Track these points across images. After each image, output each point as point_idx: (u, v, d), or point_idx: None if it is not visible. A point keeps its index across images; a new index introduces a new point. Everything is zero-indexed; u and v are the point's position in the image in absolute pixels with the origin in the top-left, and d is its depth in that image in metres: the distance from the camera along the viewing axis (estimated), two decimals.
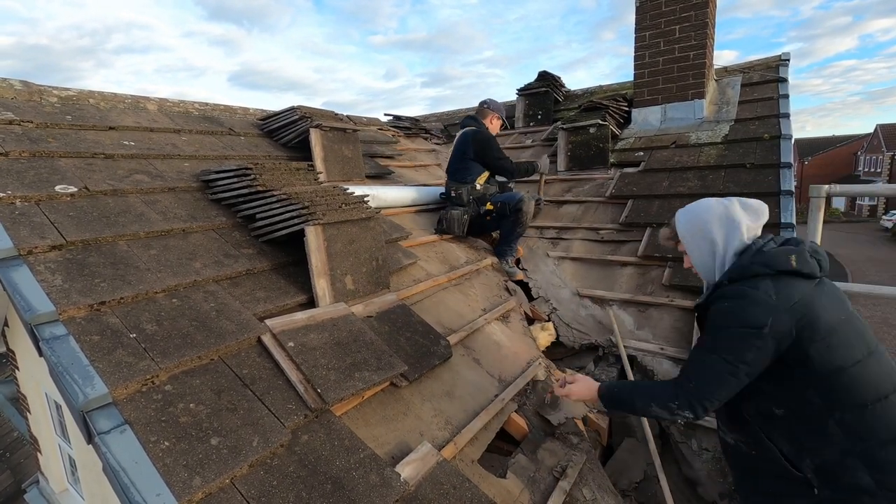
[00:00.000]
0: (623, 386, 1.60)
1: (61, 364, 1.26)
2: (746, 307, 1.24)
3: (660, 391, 1.38)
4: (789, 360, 1.23)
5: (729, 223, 1.39)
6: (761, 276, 1.27)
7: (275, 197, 2.12)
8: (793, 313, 1.21)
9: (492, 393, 2.02)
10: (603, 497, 1.75)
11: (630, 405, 1.48)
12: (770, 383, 1.27)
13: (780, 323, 1.20)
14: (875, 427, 1.18)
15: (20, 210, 1.67)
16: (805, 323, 1.21)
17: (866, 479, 1.18)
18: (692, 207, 1.50)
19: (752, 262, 1.30)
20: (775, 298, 1.22)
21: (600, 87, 5.29)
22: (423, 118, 6.51)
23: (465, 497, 1.42)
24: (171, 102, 2.99)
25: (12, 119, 2.09)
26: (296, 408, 1.44)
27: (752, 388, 1.28)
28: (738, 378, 1.25)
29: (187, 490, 1.10)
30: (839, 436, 1.20)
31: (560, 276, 3.21)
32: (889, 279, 16.17)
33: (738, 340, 1.24)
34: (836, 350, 1.21)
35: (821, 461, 1.23)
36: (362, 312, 2.01)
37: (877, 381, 1.20)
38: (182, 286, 1.69)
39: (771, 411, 1.29)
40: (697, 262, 1.48)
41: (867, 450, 1.18)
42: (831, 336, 1.21)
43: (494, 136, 3.39)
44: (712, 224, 1.40)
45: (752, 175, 3.16)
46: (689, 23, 3.75)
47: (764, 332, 1.20)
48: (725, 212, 1.40)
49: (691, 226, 1.47)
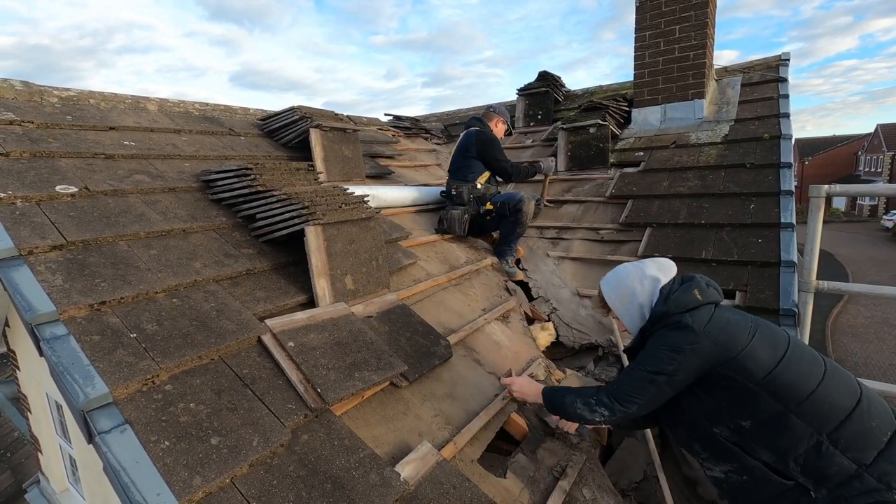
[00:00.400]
0: (561, 388, 1.72)
1: (62, 364, 1.26)
2: (668, 335, 1.45)
3: (586, 391, 1.58)
4: (730, 375, 1.37)
5: (650, 285, 1.57)
6: (678, 314, 1.46)
7: (275, 197, 2.12)
8: (708, 335, 1.39)
9: (492, 392, 2.02)
10: (603, 497, 1.75)
11: (562, 406, 1.64)
12: (727, 401, 1.41)
13: (700, 343, 1.38)
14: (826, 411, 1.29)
15: (21, 210, 1.67)
16: (724, 340, 1.38)
17: (846, 463, 1.26)
18: (613, 279, 1.68)
19: (666, 308, 1.49)
20: (692, 323, 1.41)
21: (600, 87, 5.29)
22: (424, 118, 6.51)
23: (464, 497, 1.42)
24: (172, 103, 2.99)
25: (13, 119, 2.10)
26: (296, 407, 1.44)
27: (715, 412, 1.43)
28: (656, 385, 1.42)
29: (187, 489, 1.10)
30: (804, 427, 1.30)
31: (560, 276, 3.21)
32: (889, 279, 16.16)
33: (659, 357, 1.43)
34: (760, 354, 1.36)
35: (803, 459, 1.30)
36: (362, 312, 2.02)
37: (808, 371, 1.34)
38: (182, 286, 1.69)
39: (739, 426, 1.40)
40: (629, 324, 1.64)
41: (832, 434, 1.28)
42: (752, 343, 1.38)
43: (498, 139, 3.41)
44: (636, 290, 1.58)
45: (751, 175, 3.16)
46: (689, 23, 3.75)
47: (686, 349, 1.38)
48: (644, 275, 1.59)
49: (619, 294, 1.63)
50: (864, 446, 1.27)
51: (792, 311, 2.25)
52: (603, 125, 3.95)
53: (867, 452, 1.26)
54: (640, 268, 1.62)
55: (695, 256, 2.77)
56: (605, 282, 1.71)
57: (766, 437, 1.35)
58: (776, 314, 2.29)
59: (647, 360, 1.46)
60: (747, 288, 2.47)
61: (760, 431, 1.36)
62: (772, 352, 1.37)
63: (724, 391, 1.40)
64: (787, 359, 1.36)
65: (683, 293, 1.49)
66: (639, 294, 1.57)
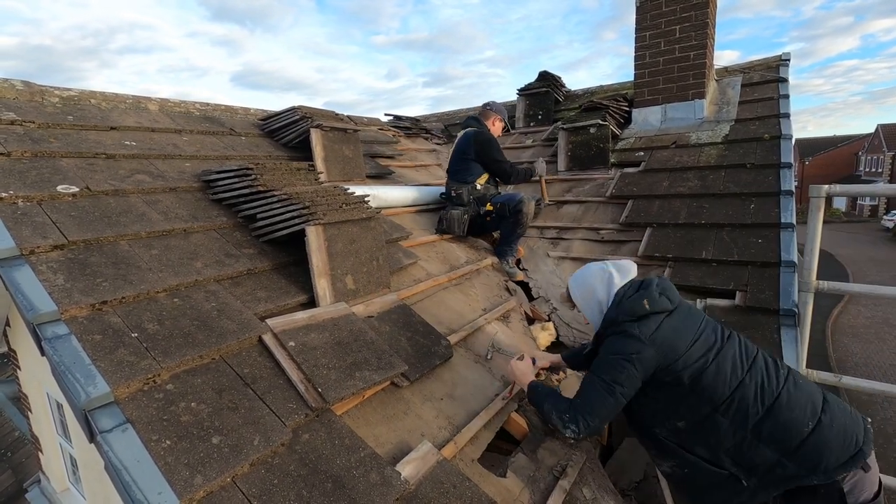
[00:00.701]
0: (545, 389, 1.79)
1: (63, 363, 1.26)
2: (616, 342, 1.58)
3: (561, 403, 1.64)
4: (667, 380, 1.51)
5: (608, 285, 1.72)
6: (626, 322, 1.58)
7: (275, 197, 2.13)
8: (653, 343, 1.51)
9: (492, 392, 2.03)
10: (603, 496, 1.75)
11: (541, 407, 1.73)
12: (663, 403, 1.55)
13: (644, 351, 1.50)
14: (745, 409, 1.44)
15: (22, 210, 1.67)
16: (666, 349, 1.51)
17: (768, 453, 1.41)
18: (580, 278, 1.84)
19: (617, 314, 1.62)
20: (638, 333, 1.53)
21: (601, 87, 5.29)
22: (424, 118, 6.51)
23: (465, 496, 1.42)
24: (173, 102, 3.00)
25: (14, 119, 2.10)
26: (296, 407, 1.44)
27: (654, 414, 1.58)
28: (614, 397, 1.52)
29: (189, 488, 1.10)
30: (727, 424, 1.45)
31: (560, 276, 3.21)
32: (889, 279, 16.16)
33: (610, 364, 1.55)
34: (694, 360, 1.49)
35: (732, 453, 1.46)
36: (363, 312, 2.02)
37: (727, 374, 1.47)
38: (183, 286, 1.70)
39: (675, 426, 1.55)
40: (590, 318, 1.80)
41: (753, 428, 1.43)
42: (690, 350, 1.51)
43: (496, 138, 3.39)
44: (596, 288, 1.74)
45: (752, 175, 3.16)
46: (690, 23, 3.75)
47: (632, 357, 1.50)
48: (605, 276, 1.74)
49: (583, 291, 1.80)
50: (784, 437, 1.40)
51: (792, 311, 2.25)
52: (603, 125, 3.95)
53: (789, 443, 1.39)
54: (602, 268, 1.78)
55: (695, 256, 2.77)
56: (572, 279, 1.88)
57: (699, 436, 1.50)
58: (776, 314, 2.29)
59: (601, 368, 1.58)
60: (747, 288, 2.47)
61: (694, 431, 1.51)
62: (703, 356, 1.50)
63: (662, 393, 1.54)
64: (714, 362, 1.49)
65: (634, 302, 1.60)
66: (599, 292, 1.73)
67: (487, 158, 3.27)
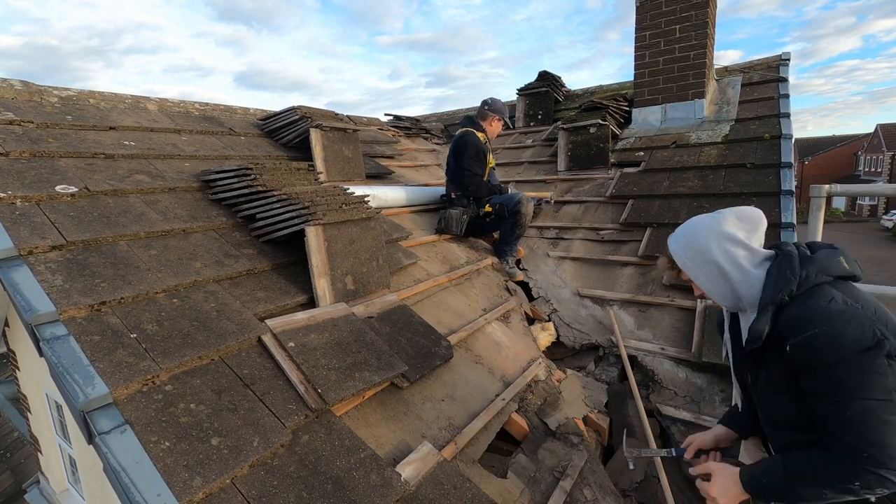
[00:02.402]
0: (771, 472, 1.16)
1: (62, 364, 1.26)
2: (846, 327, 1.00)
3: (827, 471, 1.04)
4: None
5: (725, 239, 1.23)
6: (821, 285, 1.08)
7: (275, 197, 2.12)
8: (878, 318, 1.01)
9: (492, 393, 2.02)
10: (604, 497, 1.75)
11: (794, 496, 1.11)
12: None
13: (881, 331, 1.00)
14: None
15: (21, 210, 1.67)
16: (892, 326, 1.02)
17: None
18: (682, 232, 1.34)
19: (807, 271, 1.10)
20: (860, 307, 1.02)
21: (601, 87, 5.28)
22: (424, 118, 6.51)
23: (465, 497, 1.42)
24: (172, 102, 2.99)
25: (13, 119, 2.09)
26: (296, 408, 1.44)
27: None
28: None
29: (188, 490, 1.10)
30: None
31: (560, 276, 3.21)
32: (889, 279, 16.17)
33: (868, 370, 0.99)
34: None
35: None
36: (363, 313, 2.01)
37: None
38: (182, 286, 1.69)
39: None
40: (708, 288, 1.28)
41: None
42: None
43: (479, 143, 3.23)
44: (709, 245, 1.24)
45: (752, 175, 3.16)
46: (690, 22, 3.75)
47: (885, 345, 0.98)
48: (718, 228, 1.25)
49: (688, 251, 1.30)
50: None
51: None
52: (603, 125, 3.94)
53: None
54: (715, 219, 1.28)
55: None
56: (673, 236, 1.38)
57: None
58: None
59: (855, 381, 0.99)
60: None
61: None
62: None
63: None
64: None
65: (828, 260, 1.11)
66: (714, 252, 1.23)
67: (459, 160, 3.21)
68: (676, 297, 2.71)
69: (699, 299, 2.56)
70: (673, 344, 2.52)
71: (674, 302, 2.69)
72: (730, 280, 1.21)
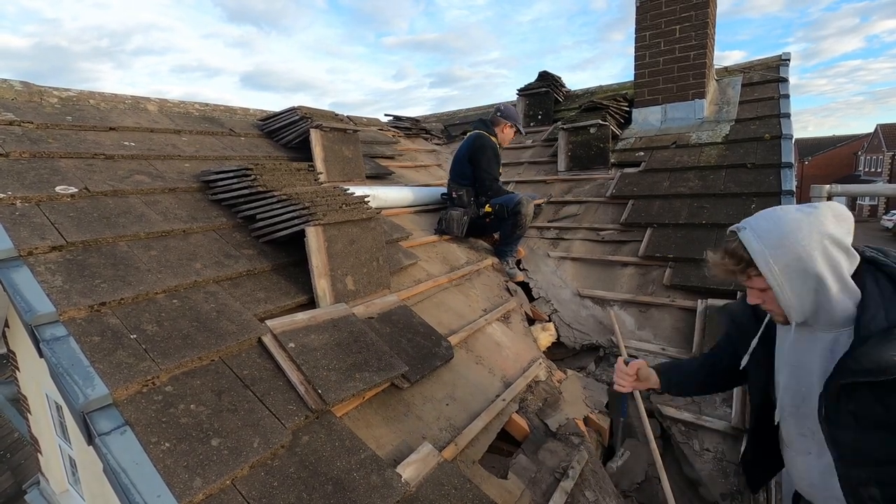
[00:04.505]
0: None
1: (62, 365, 1.25)
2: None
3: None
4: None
5: (831, 244, 0.98)
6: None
7: (275, 197, 2.12)
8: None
9: (493, 393, 2.02)
10: (604, 498, 1.74)
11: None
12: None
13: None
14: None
15: (20, 211, 1.67)
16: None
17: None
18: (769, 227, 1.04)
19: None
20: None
21: (601, 88, 5.29)
22: (424, 118, 6.51)
23: (466, 498, 1.42)
24: (172, 103, 2.99)
25: (12, 120, 2.09)
26: (296, 409, 1.43)
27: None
28: None
29: (188, 491, 1.10)
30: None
31: (561, 277, 3.20)
32: None
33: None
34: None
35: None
36: (363, 313, 2.01)
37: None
38: (182, 287, 1.69)
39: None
40: (791, 303, 1.03)
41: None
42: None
43: (496, 147, 3.27)
44: (811, 251, 0.98)
45: (752, 175, 3.16)
46: (690, 23, 3.75)
47: None
48: (821, 228, 0.98)
49: (782, 255, 1.01)
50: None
51: None
52: (603, 125, 3.94)
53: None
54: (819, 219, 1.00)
55: (696, 257, 2.77)
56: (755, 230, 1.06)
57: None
58: None
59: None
60: None
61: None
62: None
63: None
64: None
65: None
66: (819, 264, 0.98)
67: (476, 162, 3.22)
68: (677, 298, 2.71)
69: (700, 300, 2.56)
70: (673, 344, 2.51)
71: (674, 302, 2.69)
72: (826, 294, 0.99)
